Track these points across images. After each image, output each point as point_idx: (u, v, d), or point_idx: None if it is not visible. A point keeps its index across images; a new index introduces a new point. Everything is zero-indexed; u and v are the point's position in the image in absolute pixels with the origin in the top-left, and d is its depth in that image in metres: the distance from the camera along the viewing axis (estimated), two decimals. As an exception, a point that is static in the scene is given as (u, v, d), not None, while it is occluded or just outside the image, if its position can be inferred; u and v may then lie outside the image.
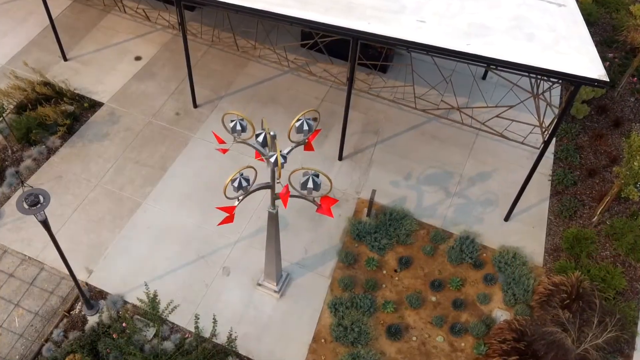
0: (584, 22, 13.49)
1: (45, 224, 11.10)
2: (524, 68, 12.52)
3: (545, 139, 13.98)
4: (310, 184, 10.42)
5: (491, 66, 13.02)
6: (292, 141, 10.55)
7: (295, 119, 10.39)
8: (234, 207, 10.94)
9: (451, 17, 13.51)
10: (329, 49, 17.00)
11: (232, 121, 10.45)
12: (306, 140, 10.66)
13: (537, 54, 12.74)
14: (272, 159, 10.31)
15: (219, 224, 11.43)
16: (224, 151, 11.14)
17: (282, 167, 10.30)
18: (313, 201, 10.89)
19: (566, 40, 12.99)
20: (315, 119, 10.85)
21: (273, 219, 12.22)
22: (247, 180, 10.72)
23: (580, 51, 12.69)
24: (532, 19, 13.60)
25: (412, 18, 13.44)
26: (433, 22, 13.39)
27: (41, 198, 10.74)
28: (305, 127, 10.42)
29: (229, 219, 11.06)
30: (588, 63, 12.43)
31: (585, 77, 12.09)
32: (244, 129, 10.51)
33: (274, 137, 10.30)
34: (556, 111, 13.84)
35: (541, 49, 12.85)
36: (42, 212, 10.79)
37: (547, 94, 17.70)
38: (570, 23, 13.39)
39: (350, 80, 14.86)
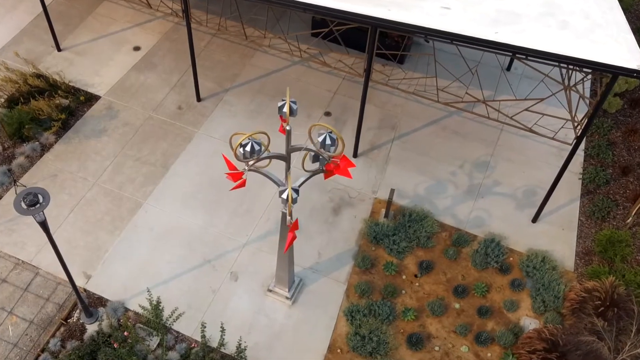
0: (620, 8, 13.42)
1: (44, 225, 11.06)
2: (557, 58, 12.44)
3: (578, 135, 13.91)
4: (327, 141, 10.19)
5: (521, 56, 12.95)
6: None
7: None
8: (296, 221, 10.77)
9: (478, 4, 13.44)
10: (341, 37, 16.95)
11: (243, 145, 10.15)
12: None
13: (570, 43, 12.67)
14: (284, 195, 10.36)
15: (285, 251, 11.33)
16: (241, 185, 10.74)
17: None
18: (329, 160, 10.68)
19: (602, 28, 12.92)
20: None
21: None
22: (297, 191, 10.60)
23: (617, 40, 12.61)
24: (564, 5, 13.52)
25: (436, 4, 13.38)
26: (458, 8, 13.33)
27: (40, 197, 10.70)
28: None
29: (294, 238, 10.96)
30: (626, 53, 12.34)
31: (623, 68, 12.00)
32: (262, 148, 10.28)
33: (289, 135, 10.20)
34: (589, 104, 13.77)
35: (575, 37, 12.78)
36: (42, 212, 10.75)
37: (579, 86, 17.63)
38: (606, 9, 13.32)
39: (368, 71, 14.81)
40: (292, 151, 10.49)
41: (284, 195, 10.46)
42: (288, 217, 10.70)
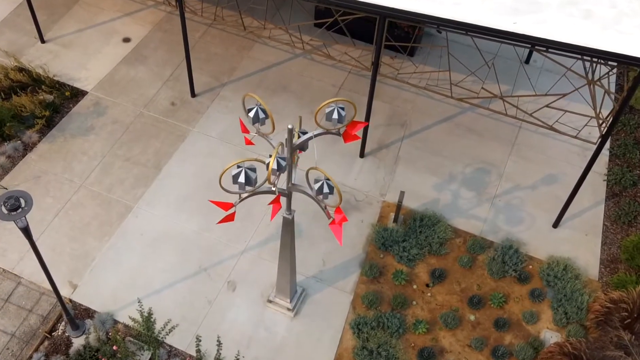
0: (649, -4, 13.35)
1: (26, 231, 11.00)
2: (581, 50, 12.38)
3: (603, 133, 13.84)
4: (342, 113, 10.11)
5: (542, 48, 12.88)
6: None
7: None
8: (339, 209, 10.53)
9: (495, -9, 13.40)
10: (347, 28, 16.91)
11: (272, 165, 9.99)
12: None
13: (594, 34, 12.61)
14: (317, 185, 10.14)
15: (341, 243, 10.84)
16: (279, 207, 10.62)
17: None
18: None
19: (629, 17, 12.85)
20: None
21: (288, 226, 12.09)
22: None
23: (646, 30, 12.56)
24: (588, -7, 13.47)
25: (449, -8, 13.33)
26: (474, -4, 13.29)
27: (22, 201, 10.64)
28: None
29: (339, 235, 10.67)
30: (655, 44, 12.29)
31: (652, 60, 11.95)
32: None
33: (291, 134, 10.13)
34: (615, 100, 13.71)
35: (600, 28, 12.72)
36: (24, 217, 10.69)
37: (604, 81, 17.55)
38: (633, -3, 13.27)
39: (376, 64, 14.76)
40: (297, 148, 10.43)
41: (317, 186, 10.26)
42: (328, 211, 10.60)
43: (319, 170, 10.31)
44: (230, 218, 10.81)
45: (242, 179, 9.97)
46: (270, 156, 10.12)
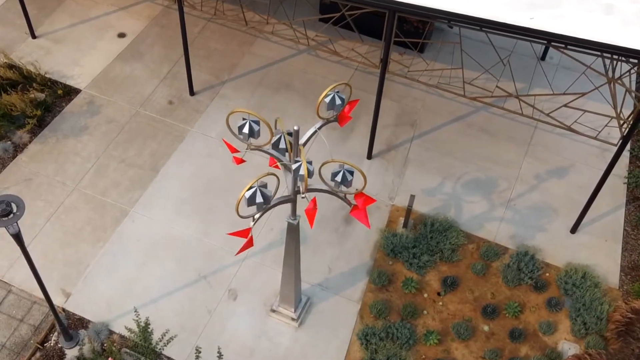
0: (673, -10, 13.30)
1: (18, 237, 10.96)
2: (601, 47, 12.35)
3: (624, 134, 13.78)
4: (348, 177, 10.18)
5: (560, 45, 12.83)
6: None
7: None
8: (361, 193, 10.48)
9: (510, -15, 13.36)
10: (354, 23, 16.86)
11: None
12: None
13: (616, 30, 12.58)
14: (295, 167, 10.13)
15: (369, 226, 10.94)
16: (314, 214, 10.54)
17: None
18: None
19: (652, 12, 12.83)
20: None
21: (293, 232, 12.05)
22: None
23: (670, 26, 12.51)
24: (609, -14, 13.43)
25: (462, -15, 13.29)
26: (488, -10, 13.24)
27: (14, 206, 10.60)
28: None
29: (365, 219, 10.67)
30: (680, 40, 12.24)
31: (677, 58, 11.90)
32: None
33: (297, 135, 10.10)
34: (637, 99, 13.65)
35: (621, 23, 12.70)
36: (15, 223, 10.64)
37: (625, 79, 17.48)
38: (656, -9, 13.21)
39: (385, 61, 14.72)
40: (297, 166, 10.40)
41: (336, 176, 10.15)
42: (348, 199, 10.63)
43: (335, 162, 10.27)
44: (249, 244, 10.84)
45: (259, 199, 9.97)
46: (297, 161, 10.11)
